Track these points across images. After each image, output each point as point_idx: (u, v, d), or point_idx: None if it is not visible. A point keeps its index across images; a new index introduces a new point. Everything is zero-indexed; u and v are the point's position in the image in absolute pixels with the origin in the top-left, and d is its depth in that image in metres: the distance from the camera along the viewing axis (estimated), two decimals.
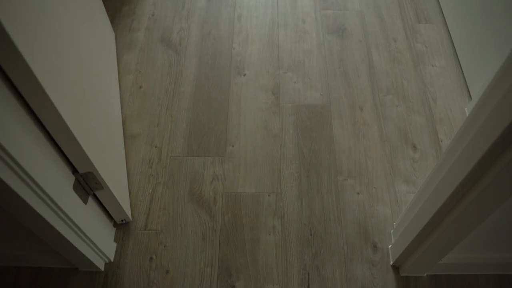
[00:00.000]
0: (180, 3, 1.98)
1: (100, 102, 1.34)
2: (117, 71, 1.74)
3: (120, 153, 1.48)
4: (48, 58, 0.95)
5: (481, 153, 0.82)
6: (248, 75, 1.73)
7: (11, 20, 0.78)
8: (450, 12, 1.86)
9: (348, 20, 1.90)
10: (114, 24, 1.91)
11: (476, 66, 1.63)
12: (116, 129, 1.49)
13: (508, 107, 0.74)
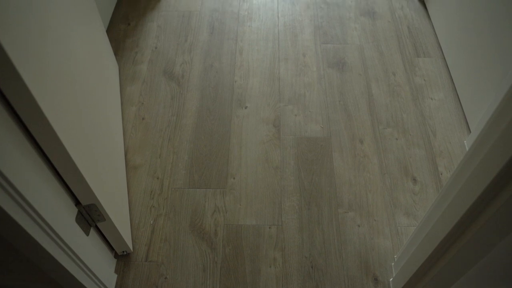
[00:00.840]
0: (183, 36, 2.02)
1: (103, 133, 1.35)
2: (120, 103, 1.77)
3: (122, 184, 1.49)
4: (53, 89, 0.97)
5: (481, 189, 0.83)
6: (250, 107, 1.76)
7: (21, 58, 0.81)
8: (448, 47, 1.90)
9: (348, 54, 1.94)
10: (118, 56, 1.95)
11: (474, 99, 1.65)
12: (118, 160, 1.51)
13: (508, 143, 0.75)
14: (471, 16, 1.68)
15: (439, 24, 1.99)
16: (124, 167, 1.58)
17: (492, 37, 1.53)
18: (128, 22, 2.10)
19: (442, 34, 1.95)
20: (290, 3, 2.17)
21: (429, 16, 2.10)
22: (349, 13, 2.12)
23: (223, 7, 2.15)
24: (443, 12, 1.94)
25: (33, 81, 0.84)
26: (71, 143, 1.01)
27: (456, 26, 1.81)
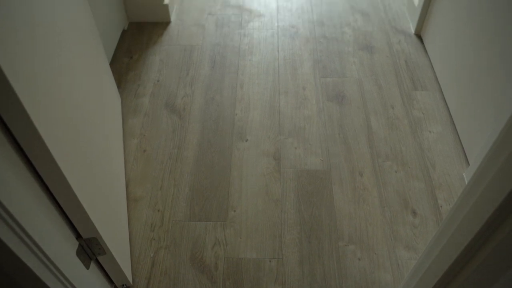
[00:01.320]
0: (185, 70, 2.06)
1: (105, 165, 1.37)
2: (122, 135, 1.79)
3: (123, 216, 1.49)
4: (56, 121, 0.99)
5: (481, 223, 0.84)
6: (250, 140, 1.78)
7: (24, 89, 0.83)
8: (444, 80, 1.93)
9: (347, 87, 1.98)
10: (120, 89, 1.98)
11: (472, 132, 1.67)
12: (119, 192, 1.51)
13: (507, 177, 0.76)
14: (466, 50, 1.72)
15: (435, 58, 2.03)
16: (125, 199, 1.58)
17: (488, 70, 1.56)
18: (131, 55, 2.14)
19: (439, 68, 1.99)
20: (290, 38, 2.22)
21: (426, 50, 2.14)
22: (348, 47, 2.17)
23: (224, 41, 2.20)
24: (439, 47, 1.98)
25: (36, 113, 0.86)
26: (73, 175, 1.02)
27: (452, 60, 1.85)
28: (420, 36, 2.24)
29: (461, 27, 1.77)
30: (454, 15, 1.84)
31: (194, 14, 2.37)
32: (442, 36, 1.97)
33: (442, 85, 1.96)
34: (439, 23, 1.99)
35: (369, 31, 2.26)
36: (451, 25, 1.87)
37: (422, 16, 2.18)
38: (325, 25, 2.30)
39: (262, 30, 2.26)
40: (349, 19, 2.33)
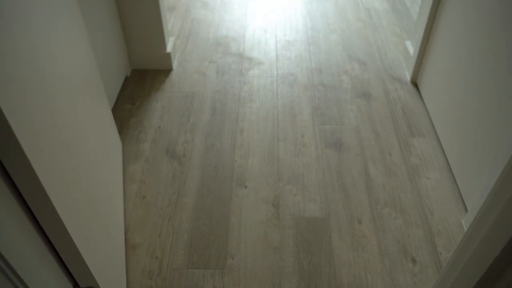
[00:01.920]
0: (186, 116, 2.10)
1: (104, 212, 1.37)
2: (122, 181, 1.80)
3: (121, 263, 1.48)
4: (56, 167, 1.00)
5: (481, 272, 0.84)
6: (249, 187, 1.79)
7: (25, 134, 0.85)
8: (441, 127, 1.96)
9: (345, 134, 2.01)
10: (122, 135, 2.01)
11: (470, 178, 1.69)
12: (118, 239, 1.51)
13: (505, 225, 0.77)
14: (461, 97, 1.76)
15: (431, 105, 2.07)
16: (123, 246, 1.58)
17: (483, 117, 1.60)
18: (134, 102, 2.19)
19: (435, 115, 2.03)
20: (289, 85, 2.27)
21: (422, 98, 2.19)
22: (346, 95, 2.21)
23: (225, 88, 2.25)
24: (435, 94, 2.03)
25: (36, 158, 0.88)
26: (72, 221, 1.03)
27: (448, 107, 1.88)
28: (416, 84, 2.29)
29: (455, 76, 1.82)
30: (448, 64, 1.89)
31: (196, 62, 2.43)
32: (437, 84, 2.01)
33: (438, 131, 1.99)
34: (434, 71, 2.05)
35: (366, 79, 2.32)
36: (446, 73, 1.92)
37: (417, 64, 2.24)
38: (323, 73, 2.35)
39: (261, 77, 2.32)
40: (346, 67, 2.39)
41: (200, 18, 2.81)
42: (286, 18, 2.80)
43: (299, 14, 2.85)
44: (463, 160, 1.74)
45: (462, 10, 1.77)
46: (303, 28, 2.71)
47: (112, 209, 1.50)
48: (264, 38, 2.62)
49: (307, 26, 2.72)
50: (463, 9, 1.76)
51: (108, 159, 1.58)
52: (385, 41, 2.60)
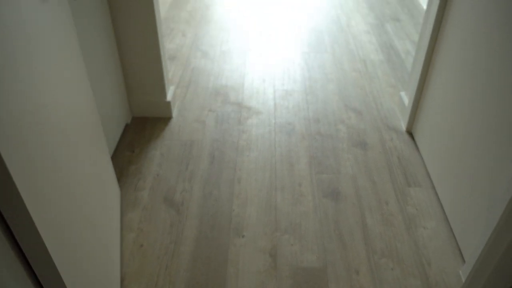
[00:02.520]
0: (184, 164, 2.12)
1: (101, 260, 1.37)
2: (119, 229, 1.81)
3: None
4: (53, 214, 1.01)
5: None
6: (247, 236, 1.80)
7: (25, 182, 0.87)
8: (436, 176, 1.99)
9: (342, 183, 2.03)
10: (120, 183, 2.03)
11: (466, 227, 1.70)
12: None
13: (503, 276, 0.78)
14: (456, 147, 1.80)
15: (426, 155, 2.11)
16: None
17: (479, 166, 1.62)
18: (133, 149, 2.22)
19: (430, 164, 2.06)
20: (286, 134, 2.31)
21: (417, 147, 2.23)
22: (342, 144, 2.25)
23: (223, 137, 2.29)
24: (430, 144, 2.07)
25: (33, 205, 0.89)
26: (67, 269, 1.04)
27: (443, 156, 1.92)
28: (411, 133, 2.33)
29: (450, 125, 1.87)
30: (442, 114, 1.94)
31: (195, 111, 2.48)
32: (431, 133, 2.06)
33: (434, 181, 2.01)
34: (428, 121, 2.09)
35: (362, 128, 2.36)
36: (440, 123, 1.96)
37: (412, 115, 2.29)
38: (320, 122, 2.40)
39: (260, 126, 2.37)
40: (343, 117, 2.44)
41: (200, 67, 2.89)
42: (284, 68, 2.88)
43: (297, 64, 2.93)
44: (459, 210, 1.76)
45: (454, 61, 1.84)
46: (301, 78, 2.78)
47: (108, 257, 1.50)
48: (262, 88, 2.68)
49: (304, 76, 2.80)
50: (455, 61, 1.83)
51: (106, 206, 1.60)
52: (381, 91, 2.67)
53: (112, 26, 2.12)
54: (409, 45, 3.18)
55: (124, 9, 2.08)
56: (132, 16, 2.10)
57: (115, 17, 2.10)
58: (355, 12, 3.68)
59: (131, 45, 2.19)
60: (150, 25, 2.13)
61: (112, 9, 2.08)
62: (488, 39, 1.58)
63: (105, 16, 2.03)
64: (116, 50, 2.18)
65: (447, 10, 1.90)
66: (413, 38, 3.27)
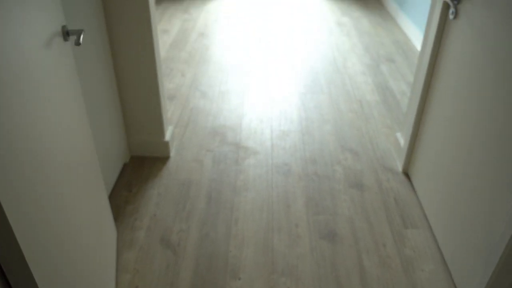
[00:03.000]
0: (181, 204, 2.13)
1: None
2: (115, 269, 1.79)
3: None
4: (47, 255, 1.01)
5: None
6: (243, 278, 1.78)
7: (20, 222, 0.87)
8: (433, 217, 1.99)
9: (339, 225, 2.03)
10: (117, 222, 2.02)
11: (464, 269, 1.69)
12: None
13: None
14: (452, 188, 1.81)
15: (423, 195, 2.12)
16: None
17: (475, 207, 1.63)
18: (131, 189, 2.22)
19: (427, 206, 2.06)
20: (283, 175, 2.33)
21: (414, 188, 2.24)
22: (339, 185, 2.26)
23: (220, 177, 2.30)
24: (426, 185, 2.08)
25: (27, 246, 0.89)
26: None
27: (439, 198, 1.93)
28: (407, 174, 2.35)
29: (445, 166, 1.88)
30: (438, 155, 1.96)
31: (193, 150, 2.50)
32: (427, 174, 2.07)
33: (431, 222, 2.01)
34: (424, 162, 2.12)
35: (358, 169, 2.38)
36: (436, 164, 1.98)
37: (408, 155, 2.31)
38: (317, 163, 2.42)
39: (257, 167, 2.38)
40: (339, 158, 2.46)
41: (199, 107, 2.93)
42: (281, 109, 2.93)
43: (294, 105, 2.97)
44: (457, 251, 1.75)
45: (449, 103, 1.87)
46: (298, 118, 2.82)
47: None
48: (260, 128, 2.71)
49: (301, 117, 2.83)
50: (450, 102, 1.86)
51: (102, 247, 1.59)
52: (377, 131, 2.70)
53: (113, 66, 2.16)
54: (404, 86, 3.24)
55: (125, 49, 2.13)
56: (133, 57, 2.15)
57: (116, 57, 2.15)
58: (351, 53, 3.77)
59: (131, 85, 2.23)
60: (150, 66, 2.17)
61: (113, 50, 2.13)
62: (481, 80, 1.62)
63: (106, 57, 2.08)
64: (116, 90, 2.21)
65: (441, 51, 1.95)
66: (408, 79, 3.34)
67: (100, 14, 1.98)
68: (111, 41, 2.10)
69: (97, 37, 1.96)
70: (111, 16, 2.05)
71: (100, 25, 1.99)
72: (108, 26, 2.07)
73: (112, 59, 2.15)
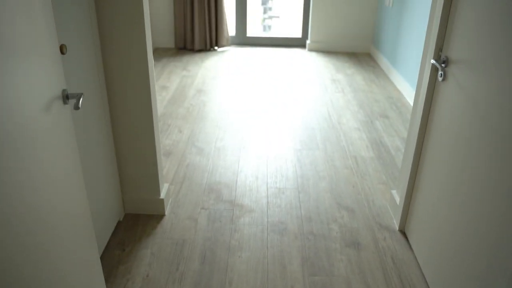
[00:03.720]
0: (175, 264, 2.09)
1: None
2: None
3: None
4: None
5: None
6: None
7: None
8: (431, 277, 1.95)
9: (336, 286, 1.99)
10: (108, 283, 1.98)
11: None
12: None
13: None
14: (451, 247, 1.79)
15: (420, 254, 2.09)
16: None
17: (475, 267, 1.60)
18: (124, 248, 2.19)
19: (425, 265, 2.03)
20: (279, 234, 2.30)
21: (411, 247, 2.21)
22: (335, 244, 2.23)
23: (215, 236, 2.27)
24: (423, 243, 2.05)
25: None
26: None
27: (437, 257, 1.90)
28: (404, 232, 2.32)
29: (442, 225, 1.87)
30: (435, 213, 1.95)
31: (188, 208, 2.49)
32: (424, 232, 2.05)
33: (429, 282, 1.97)
34: (421, 220, 2.10)
35: (355, 227, 2.36)
36: (432, 222, 1.97)
37: (404, 213, 2.30)
38: (312, 221, 2.40)
39: (252, 225, 2.36)
40: (335, 215, 2.45)
41: (195, 163, 2.93)
42: (277, 166, 2.94)
43: (289, 161, 2.99)
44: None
45: (443, 159, 1.88)
46: (293, 175, 2.82)
47: None
48: (255, 185, 2.71)
49: (297, 174, 2.84)
50: (444, 159, 1.87)
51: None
52: (372, 188, 2.70)
53: (111, 123, 2.19)
54: (398, 141, 3.27)
55: (122, 107, 2.16)
56: (130, 115, 2.18)
57: (113, 114, 2.18)
58: (346, 109, 3.83)
59: (127, 142, 2.25)
60: (147, 124, 2.20)
61: (111, 106, 2.16)
62: (471, 138, 1.63)
63: (104, 114, 2.10)
64: (112, 147, 2.23)
65: (432, 110, 1.99)
66: (402, 134, 3.38)
67: (100, 74, 2.03)
68: (109, 97, 2.14)
69: (95, 97, 1.99)
70: (111, 77, 2.09)
71: (100, 86, 2.03)
72: (108, 85, 2.11)
73: (110, 116, 2.18)
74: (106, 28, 2.01)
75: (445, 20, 1.86)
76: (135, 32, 2.01)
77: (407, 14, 4.20)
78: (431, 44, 1.97)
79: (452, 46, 1.81)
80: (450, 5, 1.83)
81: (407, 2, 4.20)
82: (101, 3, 1.96)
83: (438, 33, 1.89)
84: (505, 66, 1.43)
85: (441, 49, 1.92)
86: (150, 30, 2.57)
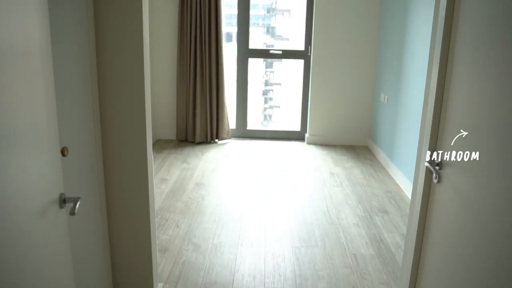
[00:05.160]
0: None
1: None
2: None
3: None
4: None
5: None
6: None
7: None
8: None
9: None
10: None
11: None
12: None
13: None
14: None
15: None
16: None
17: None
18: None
19: None
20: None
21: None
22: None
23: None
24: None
25: None
26: None
27: None
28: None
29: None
30: None
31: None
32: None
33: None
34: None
35: None
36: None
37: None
38: None
39: None
40: None
41: (191, 261, 2.88)
42: (275, 264, 2.87)
43: (287, 260, 2.92)
44: None
45: (443, 259, 1.84)
46: (291, 275, 2.75)
47: None
48: (252, 285, 2.64)
49: (295, 273, 2.77)
50: (444, 258, 1.83)
51: None
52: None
53: (107, 223, 2.18)
54: (398, 237, 3.23)
55: (119, 205, 2.17)
56: (127, 215, 2.18)
57: (110, 214, 2.18)
58: (344, 204, 3.82)
59: (122, 242, 2.23)
60: (143, 222, 2.19)
61: (108, 206, 2.17)
62: (468, 239, 1.61)
63: (101, 214, 2.10)
64: (107, 245, 2.20)
65: (429, 209, 1.98)
66: (402, 230, 3.34)
67: (100, 172, 2.06)
68: (106, 192, 2.15)
69: (93, 202, 2.00)
70: (108, 179, 2.12)
71: (99, 186, 2.05)
72: (106, 185, 2.13)
73: (107, 218, 2.17)
74: (108, 127, 2.07)
75: (436, 123, 1.92)
76: (136, 128, 2.06)
77: (402, 109, 4.33)
78: (424, 146, 2.02)
79: (445, 147, 1.85)
80: (441, 108, 1.89)
81: (401, 98, 4.35)
82: (104, 102, 2.03)
83: (431, 134, 1.93)
84: (500, 168, 1.46)
85: (435, 149, 1.95)
86: (151, 125, 2.65)
